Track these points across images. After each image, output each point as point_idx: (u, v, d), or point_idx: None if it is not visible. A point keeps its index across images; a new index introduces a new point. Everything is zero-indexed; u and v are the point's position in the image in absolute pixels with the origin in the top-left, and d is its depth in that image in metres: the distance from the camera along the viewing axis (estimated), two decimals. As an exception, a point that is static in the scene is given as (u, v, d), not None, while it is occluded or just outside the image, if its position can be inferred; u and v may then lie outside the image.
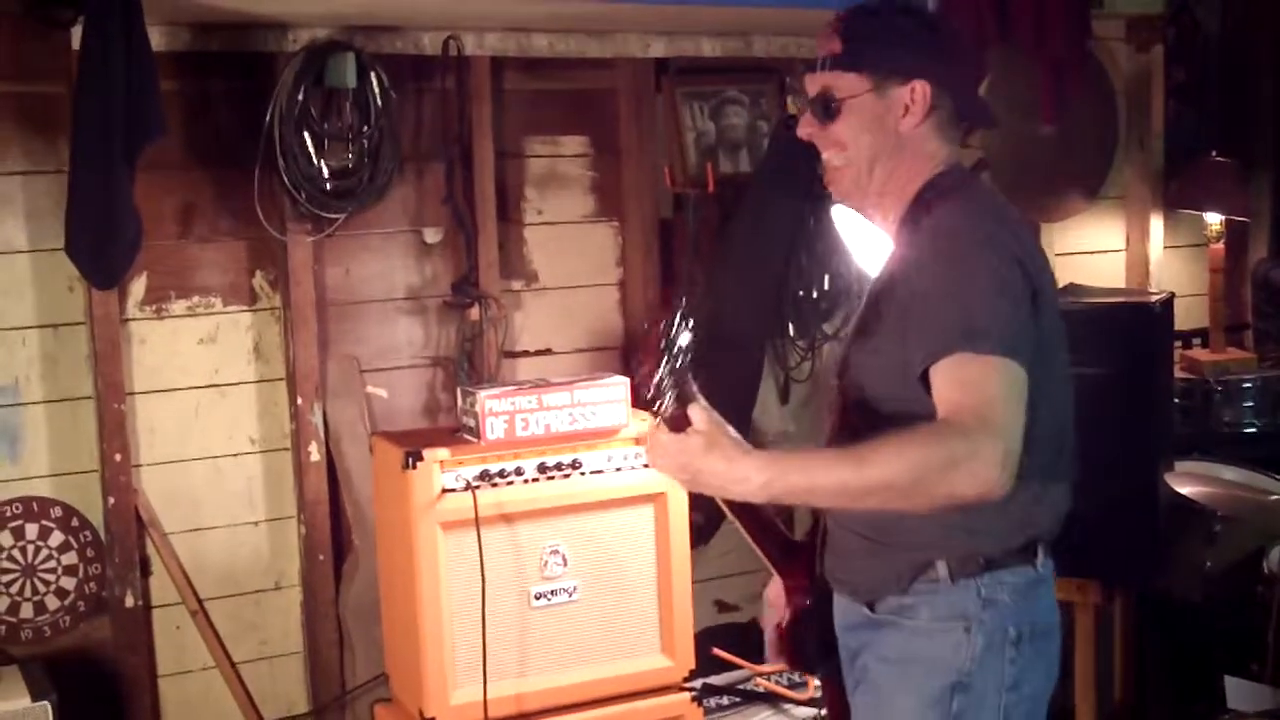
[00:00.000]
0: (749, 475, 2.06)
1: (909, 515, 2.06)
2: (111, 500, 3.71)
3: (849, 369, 2.28)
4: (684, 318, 2.17)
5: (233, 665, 3.94)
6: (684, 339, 2.17)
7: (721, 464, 2.08)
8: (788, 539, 2.49)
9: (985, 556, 2.17)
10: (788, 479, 2.05)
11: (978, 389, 1.98)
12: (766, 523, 2.45)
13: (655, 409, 2.15)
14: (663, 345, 2.15)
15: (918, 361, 2.04)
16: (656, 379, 2.15)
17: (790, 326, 4.47)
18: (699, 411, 2.13)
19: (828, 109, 2.25)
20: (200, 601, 3.89)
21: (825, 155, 2.30)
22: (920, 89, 2.21)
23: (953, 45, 2.31)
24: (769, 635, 2.53)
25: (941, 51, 2.25)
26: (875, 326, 2.23)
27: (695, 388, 2.17)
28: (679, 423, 2.14)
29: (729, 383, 4.37)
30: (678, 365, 2.16)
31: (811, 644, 2.44)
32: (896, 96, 2.22)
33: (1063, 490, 2.25)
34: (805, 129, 2.30)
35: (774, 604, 2.53)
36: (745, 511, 2.41)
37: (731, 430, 2.14)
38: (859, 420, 2.22)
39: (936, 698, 2.17)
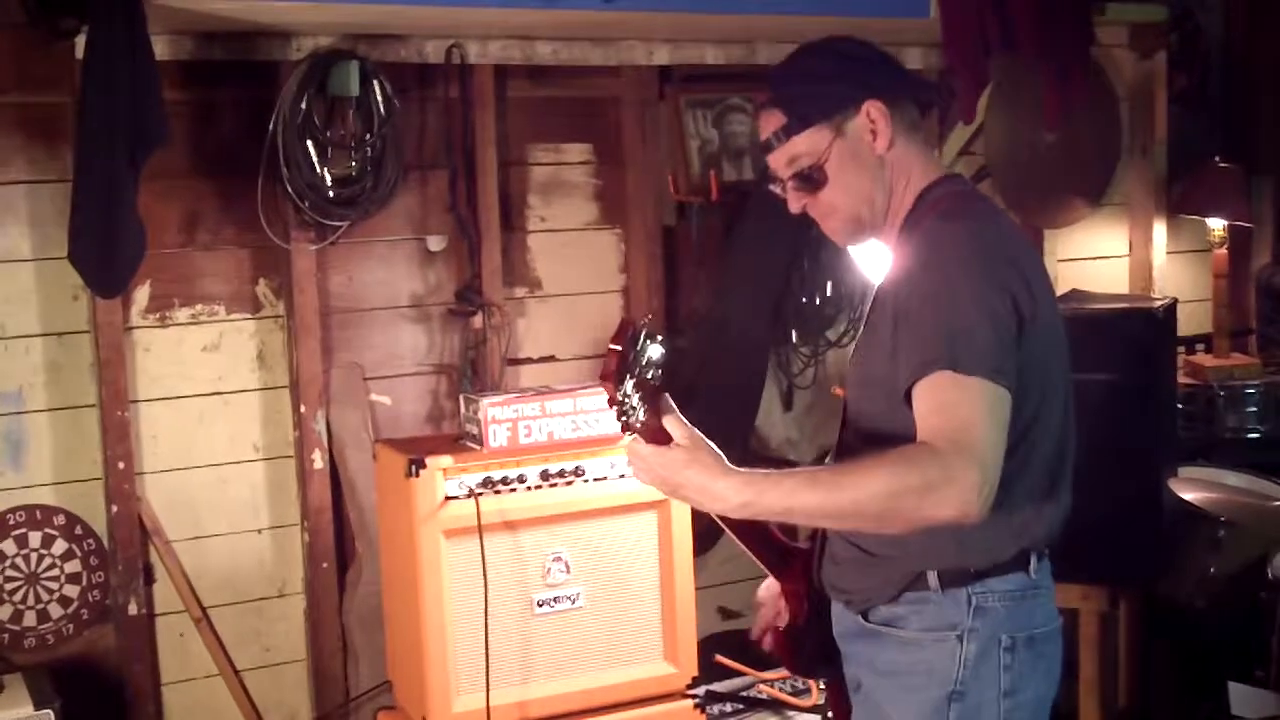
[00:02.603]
0: (727, 494, 2.10)
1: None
2: (115, 508, 3.72)
3: (849, 384, 2.30)
4: (649, 335, 2.13)
5: (236, 673, 3.94)
6: (653, 353, 2.13)
7: (701, 480, 2.11)
8: (785, 545, 2.49)
9: (976, 567, 2.17)
10: (765, 500, 2.08)
11: (956, 412, 1.98)
12: (761, 530, 2.45)
13: (626, 423, 2.14)
14: (628, 362, 2.11)
15: (903, 380, 2.05)
16: (620, 396, 2.12)
17: (793, 333, 4.48)
18: (677, 425, 2.15)
19: (811, 179, 2.24)
20: (204, 609, 3.89)
21: (825, 224, 2.30)
22: (874, 108, 2.22)
23: (868, 53, 2.29)
24: (755, 633, 2.56)
25: (867, 64, 2.26)
26: (870, 342, 2.24)
27: (671, 402, 2.17)
28: (657, 435, 2.15)
29: (733, 389, 4.38)
30: (648, 379, 2.13)
31: (812, 650, 2.44)
32: (858, 127, 2.22)
33: (1058, 504, 2.24)
34: (796, 204, 2.29)
35: (764, 601, 2.54)
36: (737, 520, 2.39)
37: (712, 446, 2.16)
38: (856, 435, 2.24)
39: (934, 708, 2.18)
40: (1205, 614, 3.92)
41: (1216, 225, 4.93)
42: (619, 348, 2.10)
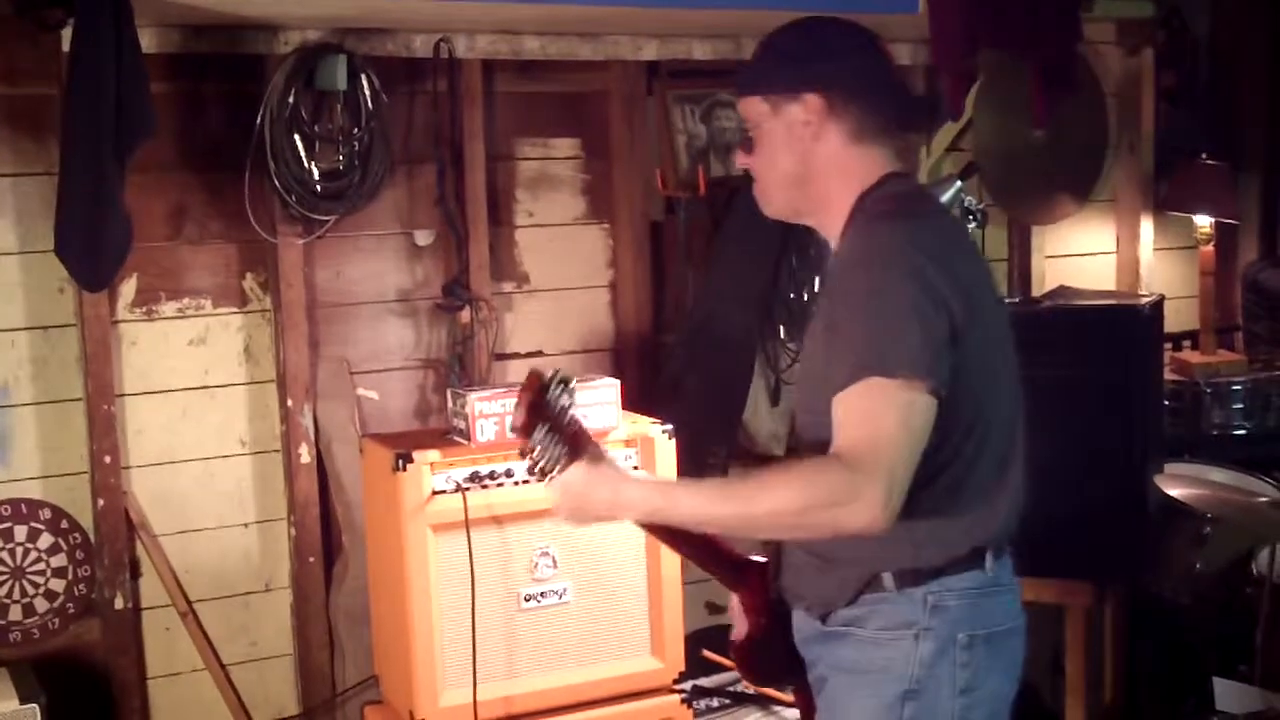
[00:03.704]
0: (635, 500, 2.13)
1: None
2: (101, 502, 3.71)
3: (796, 386, 2.32)
4: (561, 381, 2.12)
5: (223, 667, 3.94)
6: (565, 400, 2.12)
7: (605, 490, 2.13)
8: (738, 558, 2.46)
9: (930, 566, 2.16)
10: (678, 508, 2.13)
11: (870, 423, 1.99)
12: (711, 545, 2.42)
13: (543, 470, 2.14)
14: (540, 412, 2.09)
15: (834, 388, 2.04)
16: (533, 446, 2.11)
17: (781, 329, 4.47)
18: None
19: (748, 139, 2.28)
20: (190, 603, 3.88)
21: (755, 187, 2.31)
22: (814, 103, 2.20)
23: (849, 48, 2.25)
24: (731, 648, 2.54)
25: (837, 59, 2.22)
26: (811, 345, 2.24)
27: (595, 442, 2.17)
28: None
29: (720, 384, 4.38)
30: (565, 423, 2.11)
31: (773, 661, 2.42)
32: (793, 115, 2.21)
33: (1012, 500, 2.22)
34: (740, 159, 2.32)
35: (735, 617, 2.52)
36: (680, 536, 2.38)
37: (615, 459, 2.19)
38: (803, 438, 2.24)
39: (888, 705, 2.17)
40: (1190, 610, 3.93)
41: (1203, 222, 4.94)
42: (528, 398, 2.10)
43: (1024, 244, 5.05)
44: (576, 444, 2.13)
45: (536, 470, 2.14)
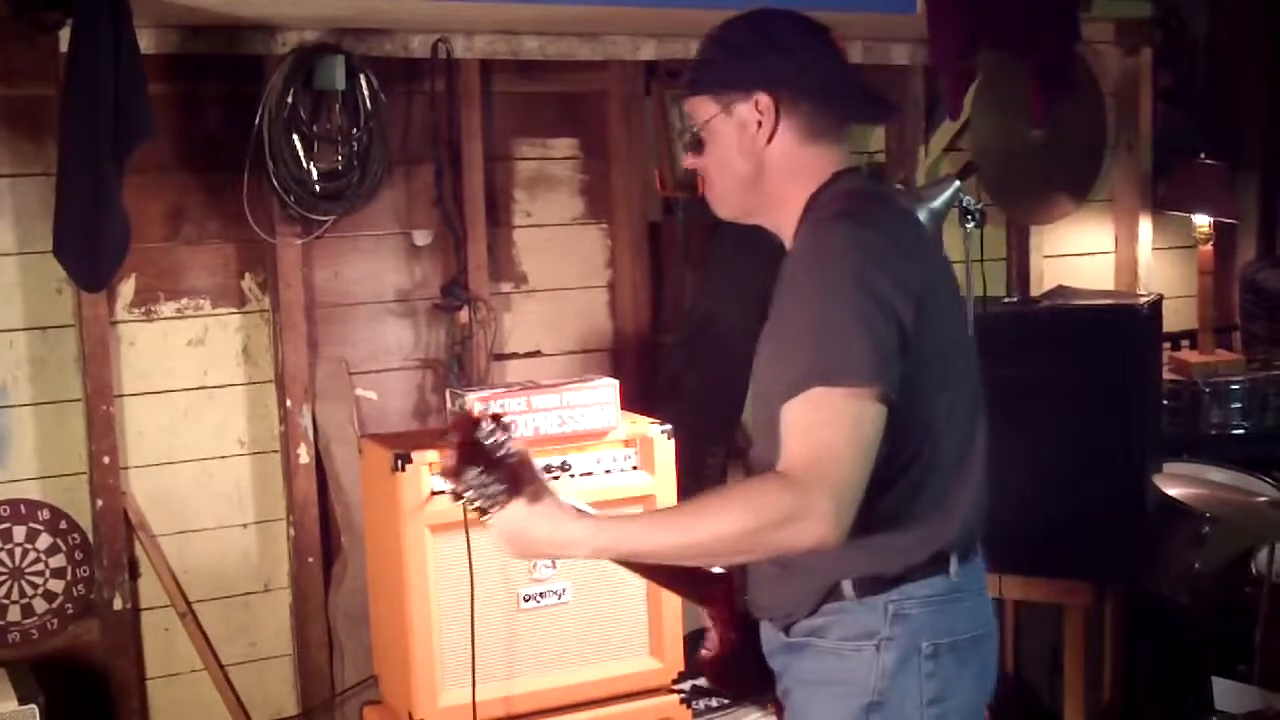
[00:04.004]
0: (576, 538, 2.03)
1: None
2: (100, 502, 3.71)
3: (750, 391, 2.24)
4: (493, 420, 2.03)
5: (221, 668, 3.93)
6: (499, 437, 2.01)
7: (545, 527, 2.03)
8: (699, 572, 2.37)
9: (890, 573, 2.09)
10: (623, 543, 2.04)
11: (818, 436, 1.92)
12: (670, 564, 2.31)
13: (481, 509, 2.03)
14: (472, 453, 1.99)
15: (780, 400, 1.98)
16: (463, 489, 2.01)
17: (780, 329, 4.46)
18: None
19: (696, 139, 2.22)
20: (189, 604, 3.88)
21: (705, 189, 2.26)
22: (764, 102, 2.13)
23: (801, 44, 2.16)
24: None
25: (789, 56, 2.14)
26: (763, 350, 2.18)
27: (538, 474, 2.06)
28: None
29: (718, 384, 4.37)
30: (498, 458, 2.00)
31: (748, 674, 2.35)
32: (744, 114, 2.15)
33: (973, 503, 2.16)
34: (685, 160, 2.26)
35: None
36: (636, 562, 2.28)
37: (560, 494, 2.08)
38: (761, 443, 2.16)
39: (852, 718, 2.11)
40: (1189, 609, 3.93)
41: (1202, 222, 4.94)
42: (458, 438, 2.01)
43: (1022, 244, 5.05)
44: (515, 481, 2.02)
45: (474, 510, 2.04)
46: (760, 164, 2.17)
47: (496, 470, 2.00)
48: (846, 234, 2.03)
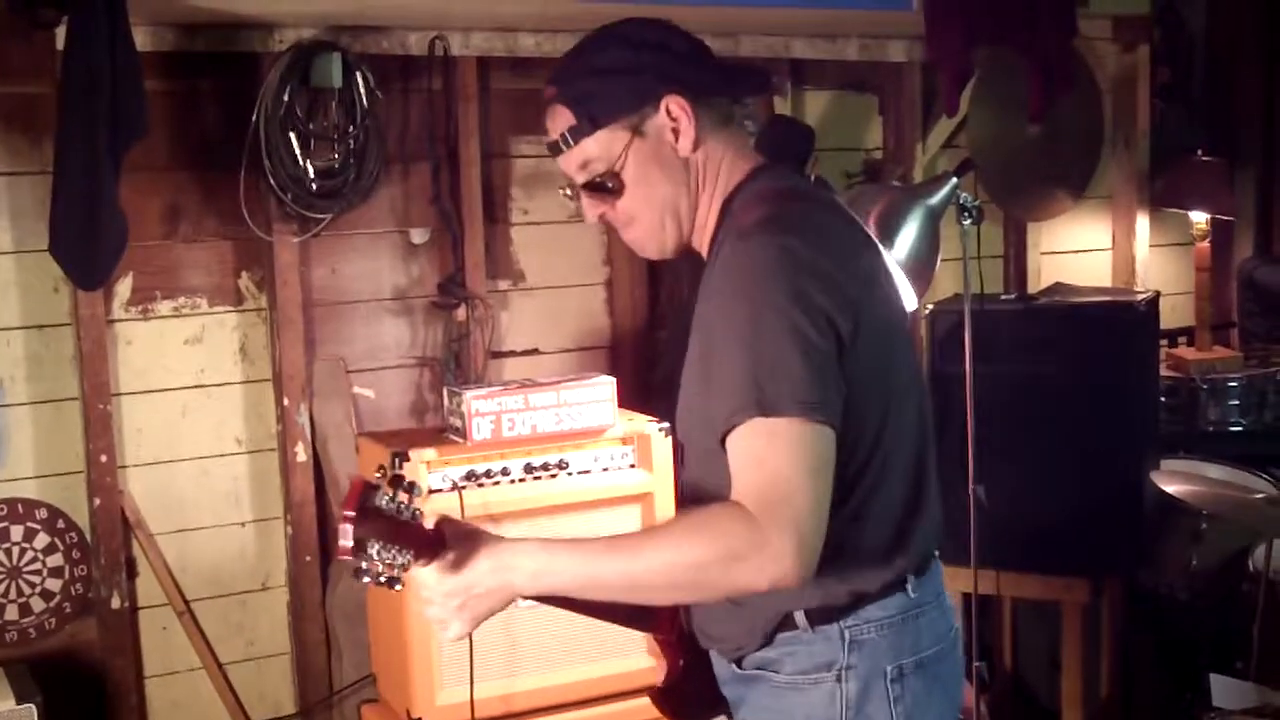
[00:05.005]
0: (516, 562, 1.86)
1: None
2: (97, 501, 3.70)
3: (678, 410, 2.08)
4: (393, 483, 1.87)
5: (219, 666, 3.93)
6: (400, 500, 1.86)
7: (484, 561, 1.86)
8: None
9: (843, 601, 1.96)
10: (558, 567, 1.86)
11: (767, 465, 1.78)
12: None
13: (392, 578, 1.88)
14: (371, 524, 1.83)
15: (717, 429, 1.85)
16: (366, 563, 1.85)
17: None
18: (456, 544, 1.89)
19: (607, 187, 2.02)
20: (187, 602, 3.88)
21: (626, 235, 2.09)
22: (675, 103, 1.98)
23: (668, 39, 2.04)
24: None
25: (666, 52, 2.01)
26: (690, 370, 2.02)
27: (452, 524, 1.93)
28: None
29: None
30: (403, 521, 1.86)
31: (695, 700, 2.20)
32: (658, 126, 1.99)
33: (927, 517, 2.03)
34: (592, 213, 2.06)
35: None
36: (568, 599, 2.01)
37: (483, 533, 1.92)
38: (687, 471, 2.06)
39: None
40: (1187, 606, 3.94)
41: (1199, 218, 4.94)
42: (351, 514, 1.83)
43: (1020, 240, 5.06)
44: (423, 543, 1.87)
45: (384, 583, 1.88)
46: (685, 176, 2.02)
47: (399, 539, 1.85)
48: (773, 245, 1.87)
